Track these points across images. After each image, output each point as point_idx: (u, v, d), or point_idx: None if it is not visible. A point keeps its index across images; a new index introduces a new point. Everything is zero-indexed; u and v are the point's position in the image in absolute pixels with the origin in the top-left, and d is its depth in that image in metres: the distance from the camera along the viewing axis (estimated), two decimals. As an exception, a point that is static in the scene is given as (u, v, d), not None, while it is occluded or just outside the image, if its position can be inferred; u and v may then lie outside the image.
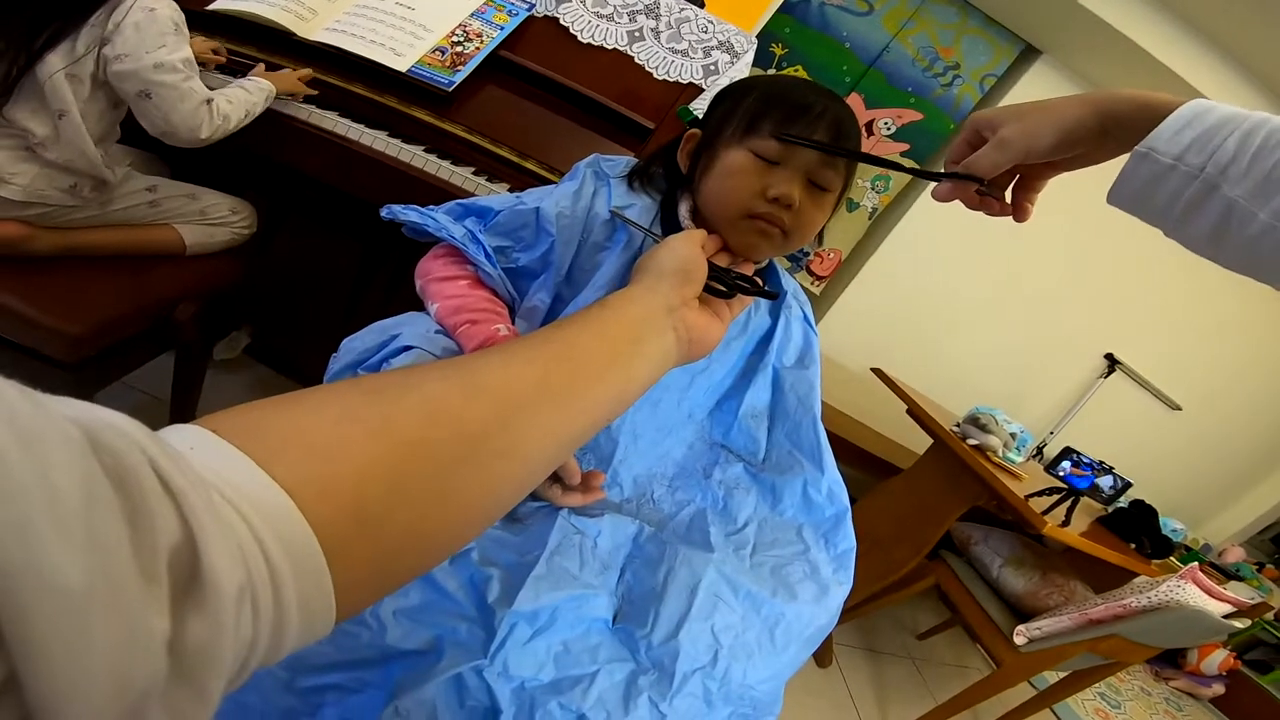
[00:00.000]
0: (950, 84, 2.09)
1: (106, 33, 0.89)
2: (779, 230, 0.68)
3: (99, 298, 1.00)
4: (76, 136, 0.94)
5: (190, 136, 0.99)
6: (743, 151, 0.67)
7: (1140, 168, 0.46)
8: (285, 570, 0.21)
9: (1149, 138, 0.45)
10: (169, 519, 0.18)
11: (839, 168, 0.68)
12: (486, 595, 0.54)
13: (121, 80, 0.93)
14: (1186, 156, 0.43)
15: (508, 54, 1.27)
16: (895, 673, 2.06)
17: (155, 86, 0.93)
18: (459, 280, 0.72)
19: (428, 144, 1.20)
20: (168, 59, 0.92)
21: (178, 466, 0.19)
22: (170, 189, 1.16)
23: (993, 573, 1.84)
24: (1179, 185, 0.43)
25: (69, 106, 0.91)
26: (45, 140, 0.93)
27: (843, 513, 0.77)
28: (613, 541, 0.63)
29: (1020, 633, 1.63)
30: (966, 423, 1.80)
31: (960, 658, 2.37)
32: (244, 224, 1.25)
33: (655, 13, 1.37)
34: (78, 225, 1.04)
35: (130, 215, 1.10)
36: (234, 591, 0.19)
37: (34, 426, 0.16)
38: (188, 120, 0.97)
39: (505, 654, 0.52)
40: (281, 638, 0.22)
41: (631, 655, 0.58)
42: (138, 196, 1.10)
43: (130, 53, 0.90)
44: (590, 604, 0.58)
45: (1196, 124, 0.43)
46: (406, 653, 0.52)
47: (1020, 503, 1.51)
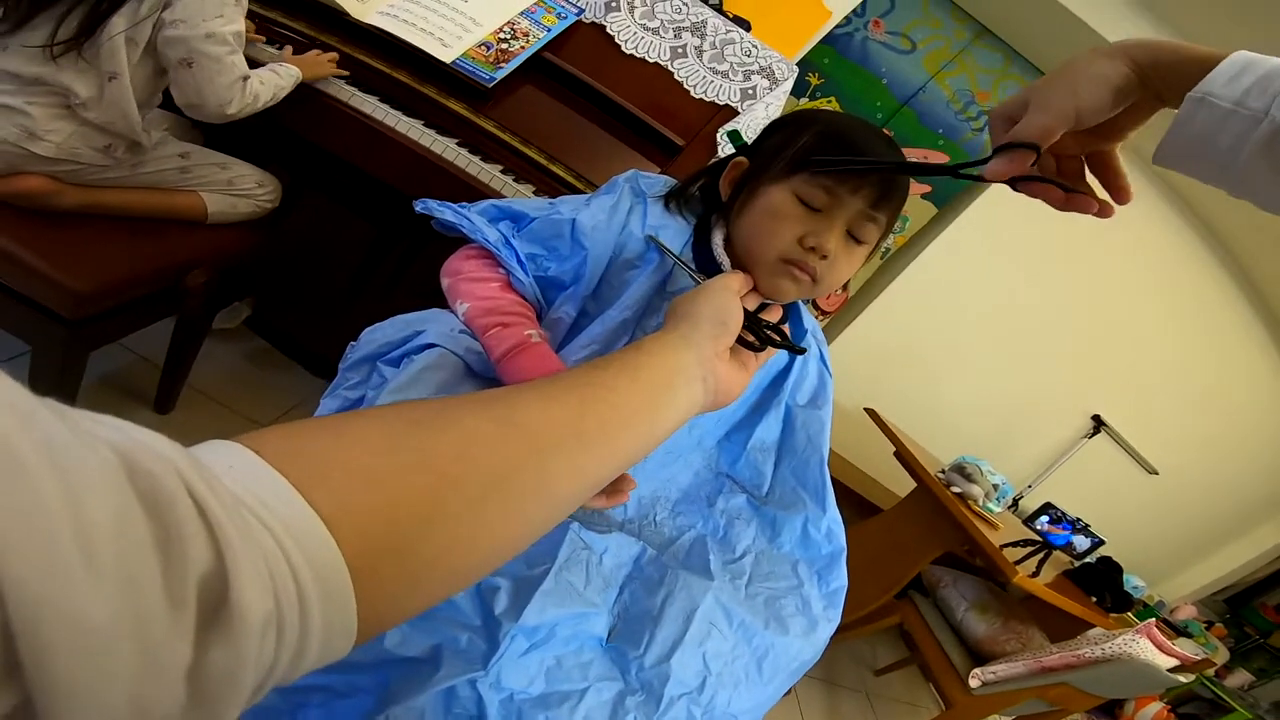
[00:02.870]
0: (982, 129, 2.10)
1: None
2: (810, 278, 0.69)
3: (111, 258, 1.00)
4: (122, 99, 0.93)
5: (218, 111, 0.99)
6: (787, 193, 0.67)
7: (1197, 114, 0.43)
8: (313, 596, 0.22)
9: (1204, 83, 0.42)
10: (201, 547, 0.18)
11: (879, 222, 0.68)
12: (494, 606, 0.54)
13: (168, 46, 0.92)
14: (1248, 100, 0.40)
15: (550, 56, 1.28)
16: (849, 706, 2.09)
17: (200, 56, 0.92)
18: (490, 283, 0.72)
19: (461, 137, 1.20)
20: (220, 30, 0.92)
21: (213, 491, 0.19)
22: (202, 156, 1.15)
23: (957, 616, 1.88)
24: (1243, 129, 0.41)
25: (122, 69, 0.91)
26: (88, 101, 0.92)
27: (838, 552, 0.78)
28: (616, 560, 0.64)
29: (976, 675, 1.67)
30: (952, 470, 1.83)
31: (913, 695, 2.40)
32: (268, 197, 1.25)
33: (701, 31, 1.37)
34: (106, 184, 1.03)
35: (160, 179, 1.09)
36: (259, 621, 0.19)
37: (70, 454, 0.16)
38: (221, 94, 0.97)
39: (501, 665, 0.52)
40: (300, 661, 0.22)
41: (621, 675, 0.59)
42: (170, 161, 1.10)
43: (187, 19, 0.90)
44: (588, 621, 0.59)
45: (1252, 70, 0.41)
46: (404, 659, 0.52)
47: (995, 551, 1.54)
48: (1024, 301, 2.50)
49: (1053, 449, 2.84)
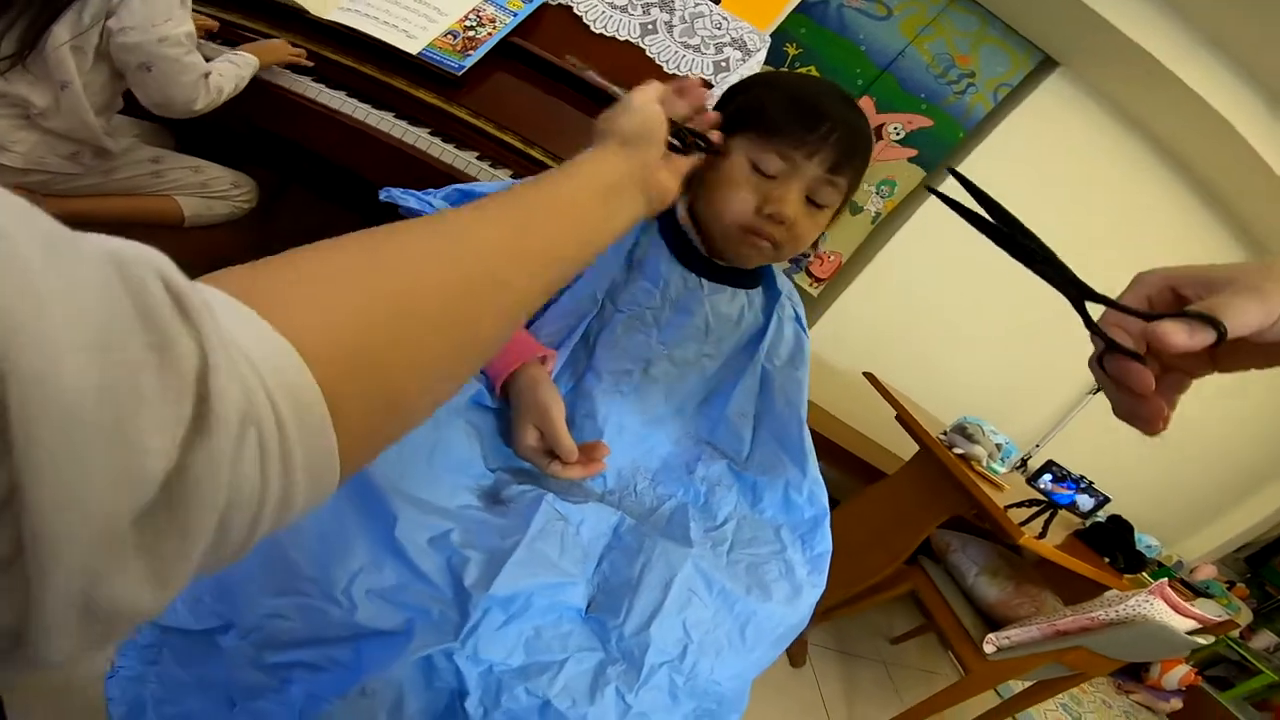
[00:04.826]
0: (963, 92, 2.08)
1: (112, 4, 0.90)
2: (771, 244, 0.69)
3: None
4: (78, 107, 0.95)
5: (185, 108, 1.00)
6: (743, 161, 0.67)
7: None
8: (289, 415, 0.21)
9: None
10: (188, 343, 0.18)
11: (839, 185, 0.68)
12: (464, 578, 0.54)
13: (125, 52, 0.93)
14: None
15: (519, 40, 1.27)
16: (866, 675, 2.09)
17: (158, 60, 0.94)
18: None
19: (433, 126, 1.20)
20: (172, 32, 0.93)
21: (195, 293, 0.19)
22: (174, 160, 1.17)
23: (968, 581, 1.87)
24: None
25: (72, 78, 0.92)
26: (46, 110, 0.94)
27: (821, 515, 0.78)
28: (594, 530, 0.64)
29: (990, 641, 1.65)
30: (954, 431, 1.82)
31: (930, 663, 2.40)
32: (244, 198, 1.26)
33: (669, 6, 1.37)
34: (79, 193, 1.05)
35: (133, 185, 1.11)
36: (236, 420, 0.19)
37: (65, 250, 0.16)
38: (186, 93, 0.98)
39: (476, 637, 0.52)
40: (291, 488, 0.22)
41: (602, 645, 0.59)
42: (142, 167, 1.12)
43: (137, 25, 0.91)
44: (565, 592, 0.59)
45: None
46: (377, 632, 0.52)
47: (999, 513, 1.53)
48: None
49: (1057, 407, 2.80)
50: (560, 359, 0.74)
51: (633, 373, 0.76)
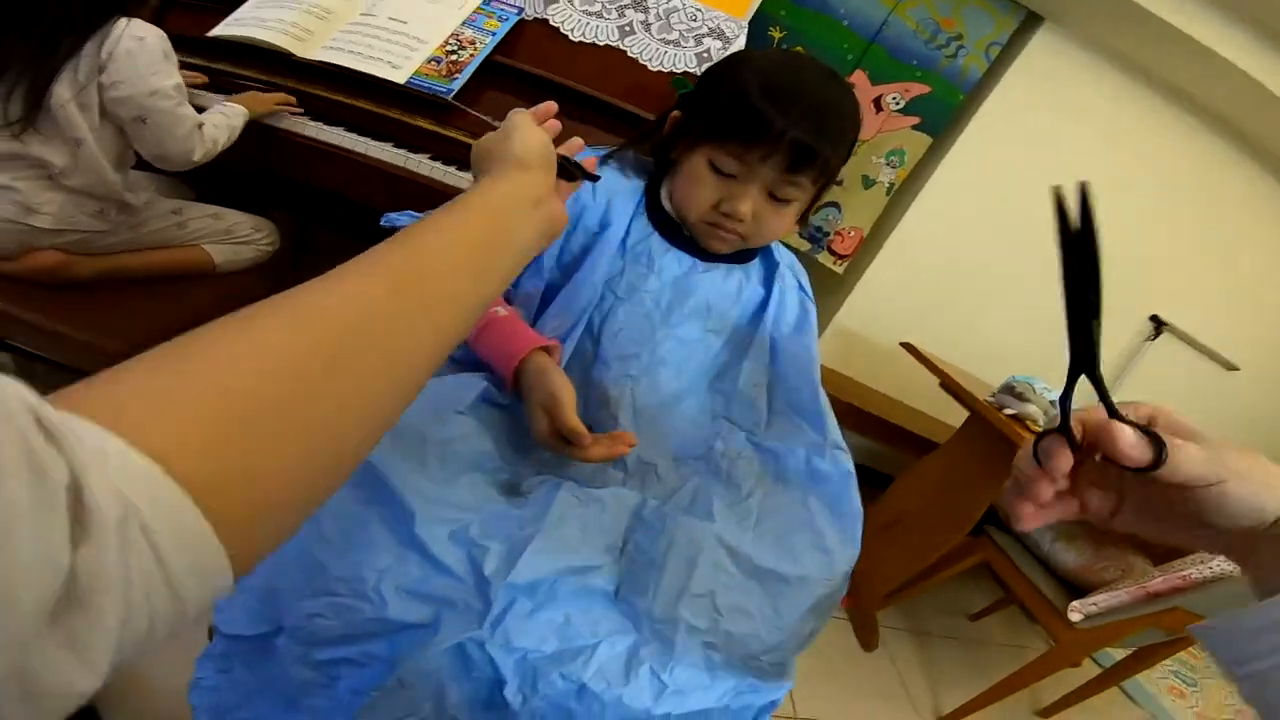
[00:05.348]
0: (955, 55, 2.05)
1: (101, 60, 0.93)
2: (736, 236, 0.72)
3: (137, 316, 1.06)
4: (94, 163, 0.99)
5: (183, 160, 1.03)
6: (702, 160, 0.68)
7: None
8: (154, 519, 0.22)
9: None
10: (60, 463, 0.19)
11: (800, 184, 0.68)
12: (484, 568, 0.54)
13: (118, 106, 0.97)
14: None
15: (503, 59, 1.31)
16: (946, 654, 2.01)
17: (150, 112, 0.97)
18: None
19: (433, 151, 1.24)
20: (161, 85, 0.96)
21: (56, 419, 0.20)
22: (195, 210, 1.21)
23: (1043, 548, 1.78)
24: None
25: (84, 135, 0.96)
26: (65, 169, 0.97)
27: (846, 477, 0.76)
28: (615, 513, 0.64)
29: (1075, 609, 1.56)
30: (1002, 392, 1.74)
31: (1016, 638, 2.29)
32: (267, 241, 1.31)
33: (643, 6, 1.38)
34: (114, 250, 1.10)
35: (161, 237, 1.15)
36: (115, 519, 0.20)
37: None
38: (181, 144, 1.02)
39: (507, 627, 0.53)
40: (176, 587, 0.23)
41: (634, 626, 0.59)
42: (166, 219, 1.16)
43: (125, 79, 0.94)
44: (591, 576, 0.59)
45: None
46: (407, 625, 0.53)
47: (1060, 472, 1.45)
48: (1046, 213, 2.38)
49: (1114, 358, 2.66)
50: (566, 352, 0.75)
51: (640, 356, 0.76)
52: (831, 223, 2.24)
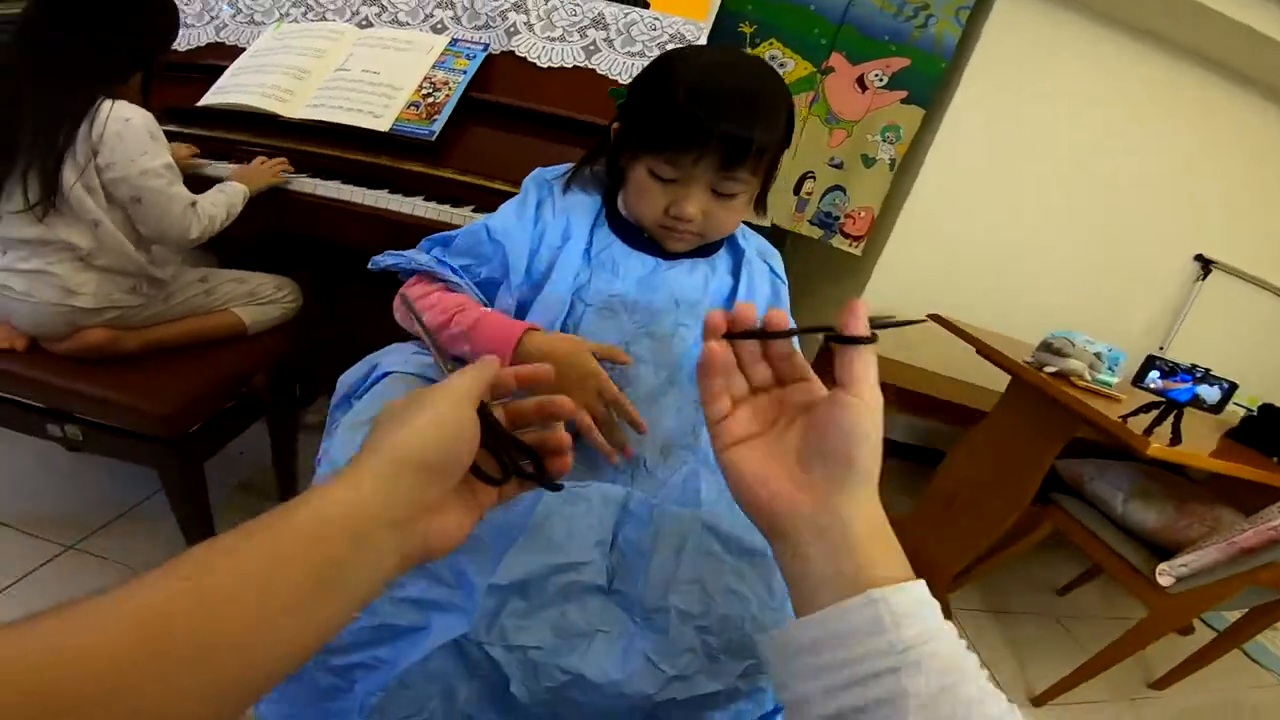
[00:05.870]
0: (925, 24, 2.03)
1: (93, 143, 0.97)
2: (690, 234, 0.74)
3: (184, 382, 1.13)
4: (115, 242, 1.04)
5: (181, 238, 1.08)
6: (643, 169, 0.70)
7: None
8: None
9: None
10: None
11: (740, 178, 0.69)
12: (467, 571, 0.56)
13: (114, 188, 1.01)
14: None
15: (478, 94, 1.36)
16: (1035, 632, 1.90)
17: (144, 192, 1.01)
18: (434, 292, 0.78)
19: (426, 192, 1.29)
20: (151, 165, 1.00)
21: None
22: (220, 277, 1.27)
23: (1117, 510, 1.66)
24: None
25: (98, 215, 1.01)
26: (91, 250, 1.03)
27: None
28: (602, 510, 0.64)
29: (1163, 572, 1.45)
30: (1040, 351, 1.66)
31: (1116, 609, 2.15)
32: (290, 299, 1.37)
33: (602, 23, 1.43)
34: (151, 322, 1.16)
35: (192, 306, 1.21)
36: None
37: None
38: (178, 223, 1.06)
39: (503, 625, 0.54)
40: None
41: (629, 618, 0.59)
42: (194, 288, 1.22)
43: (117, 161, 0.98)
44: (582, 572, 0.59)
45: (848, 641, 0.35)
46: (404, 629, 0.56)
47: (1115, 425, 1.36)
48: (1067, 160, 2.33)
49: (1164, 304, 2.57)
50: None
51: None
52: (840, 206, 2.22)
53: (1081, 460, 1.79)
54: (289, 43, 1.40)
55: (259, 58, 1.39)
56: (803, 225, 2.24)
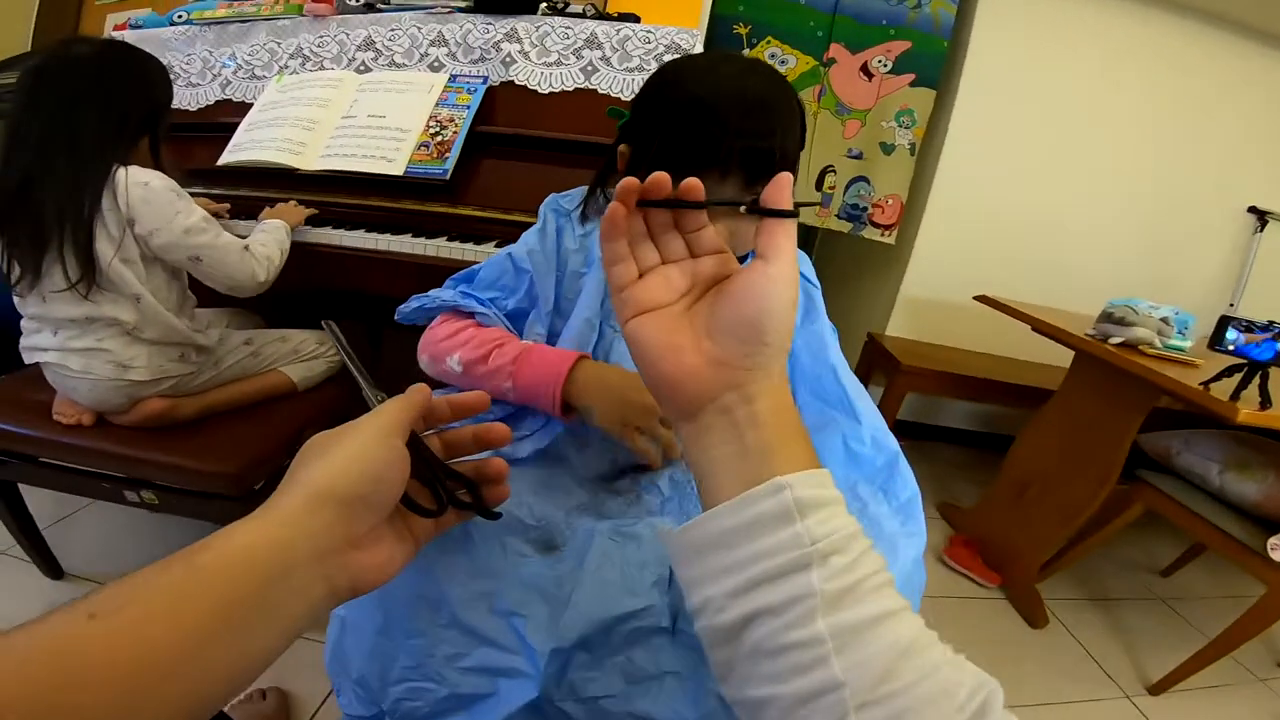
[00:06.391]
0: (919, 4, 2.02)
1: (124, 214, 0.98)
2: None
3: (243, 442, 1.15)
4: (158, 314, 1.05)
5: (253, 284, 1.10)
6: None
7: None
8: None
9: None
10: None
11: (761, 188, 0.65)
12: (527, 636, 0.54)
13: (167, 253, 1.02)
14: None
15: (485, 128, 1.36)
16: (1141, 618, 1.77)
17: (199, 250, 1.03)
18: (466, 329, 0.75)
19: (451, 232, 1.29)
20: (190, 222, 1.01)
21: None
22: (263, 338, 1.28)
23: (1213, 483, 1.52)
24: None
25: (138, 289, 1.01)
26: (137, 324, 1.04)
27: (893, 459, 0.70)
28: (655, 547, 0.60)
29: (1275, 547, 1.33)
30: (1100, 322, 1.56)
31: (1228, 587, 1.99)
32: (333, 352, 1.37)
33: (596, 43, 1.42)
34: (204, 388, 1.17)
35: (241, 369, 1.23)
36: None
37: None
38: (243, 270, 1.07)
39: (571, 680, 0.53)
40: None
41: (694, 655, 0.55)
42: (240, 351, 1.23)
43: (160, 226, 0.99)
44: (644, 617, 0.56)
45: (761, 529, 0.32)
46: (475, 697, 0.55)
47: (1197, 393, 1.25)
48: (1101, 121, 2.25)
49: (1224, 262, 2.44)
50: None
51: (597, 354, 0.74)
52: (866, 197, 2.18)
53: (1166, 433, 1.66)
54: (294, 94, 1.43)
55: (268, 112, 1.42)
56: (830, 220, 2.20)
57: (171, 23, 1.66)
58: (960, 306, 2.09)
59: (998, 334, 2.16)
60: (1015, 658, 1.49)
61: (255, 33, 1.59)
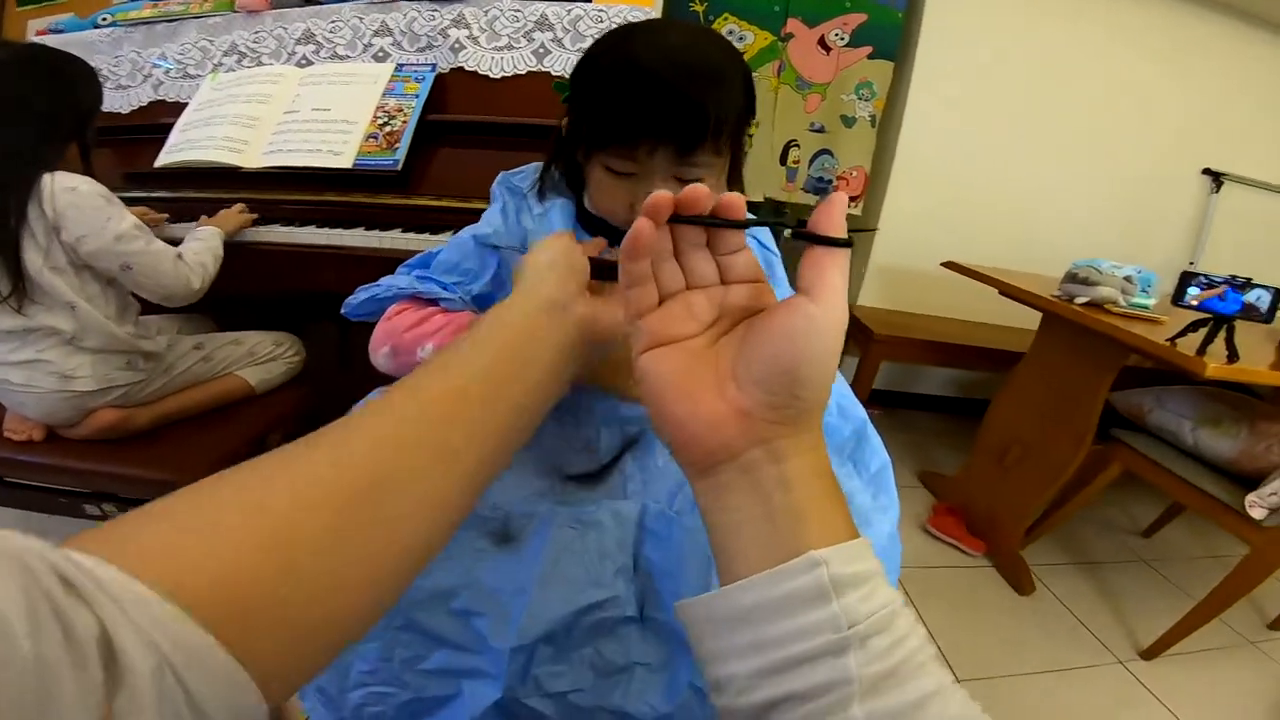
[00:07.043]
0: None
1: (51, 220, 0.95)
2: None
3: (203, 449, 1.13)
4: (95, 322, 1.01)
5: (186, 291, 1.06)
6: (599, 167, 0.64)
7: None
8: (181, 662, 0.22)
9: None
10: (85, 613, 0.20)
11: (702, 162, 0.61)
12: (487, 635, 0.52)
13: (97, 260, 0.99)
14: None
15: (436, 116, 1.32)
16: (1127, 580, 1.78)
17: (129, 257, 0.99)
18: (434, 316, 0.69)
19: (404, 224, 1.24)
20: (121, 229, 0.98)
21: (76, 567, 0.21)
22: (215, 341, 1.24)
23: (1187, 440, 1.54)
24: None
25: (71, 297, 0.98)
26: (75, 332, 1.00)
27: (861, 427, 0.67)
28: (618, 534, 0.58)
29: (1253, 504, 1.32)
30: (1065, 283, 1.57)
31: (1210, 546, 2.01)
32: (292, 353, 1.33)
33: (547, 25, 1.39)
34: (157, 396, 1.13)
35: (194, 374, 1.18)
36: (149, 669, 0.20)
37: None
38: (176, 278, 1.04)
39: (537, 676, 0.51)
40: None
41: (665, 644, 0.54)
42: (191, 357, 1.19)
43: (88, 232, 0.96)
44: (609, 608, 0.54)
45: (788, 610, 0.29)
46: (439, 699, 0.53)
47: (1164, 349, 1.26)
48: (1047, 94, 2.29)
49: (1183, 223, 2.51)
50: None
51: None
52: (830, 169, 2.18)
53: (1138, 390, 1.67)
54: (231, 91, 1.38)
55: (203, 111, 1.37)
56: (796, 194, 2.20)
57: (95, 25, 1.60)
58: (930, 274, 2.10)
59: (968, 300, 2.18)
60: (1007, 626, 1.49)
61: (185, 31, 1.54)
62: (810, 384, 0.30)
